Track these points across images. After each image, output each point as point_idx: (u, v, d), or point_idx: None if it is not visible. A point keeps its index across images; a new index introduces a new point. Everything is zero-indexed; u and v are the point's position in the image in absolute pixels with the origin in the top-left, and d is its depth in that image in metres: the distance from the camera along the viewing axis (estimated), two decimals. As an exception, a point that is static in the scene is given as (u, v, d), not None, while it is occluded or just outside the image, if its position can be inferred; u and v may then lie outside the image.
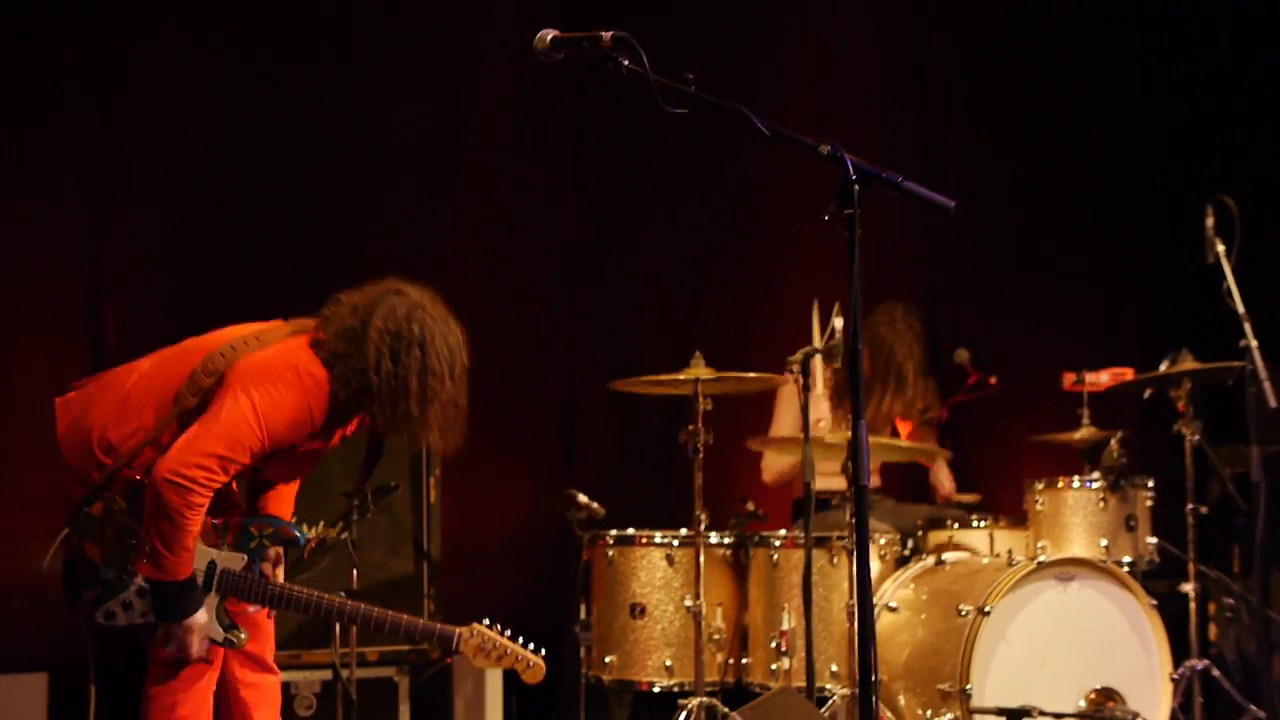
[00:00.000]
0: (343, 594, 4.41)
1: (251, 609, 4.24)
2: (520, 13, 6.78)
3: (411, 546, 5.71)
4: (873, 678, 3.21)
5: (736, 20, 7.36)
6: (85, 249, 6.25)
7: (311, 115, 6.56)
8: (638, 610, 5.84)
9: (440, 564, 5.79)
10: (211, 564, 4.09)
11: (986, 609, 5.32)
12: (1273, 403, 5.93)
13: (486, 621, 4.28)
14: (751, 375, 5.67)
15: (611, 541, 5.94)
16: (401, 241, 6.68)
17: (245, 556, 4.14)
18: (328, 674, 5.48)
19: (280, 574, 4.30)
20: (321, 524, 5.51)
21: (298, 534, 4.24)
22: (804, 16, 7.69)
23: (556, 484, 6.65)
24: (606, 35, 3.41)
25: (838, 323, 5.46)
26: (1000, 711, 5.27)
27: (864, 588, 3.21)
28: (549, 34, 3.48)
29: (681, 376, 5.56)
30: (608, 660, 5.89)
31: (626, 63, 3.41)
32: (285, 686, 5.46)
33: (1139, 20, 8.20)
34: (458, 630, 4.24)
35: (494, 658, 4.28)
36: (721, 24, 7.27)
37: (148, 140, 6.32)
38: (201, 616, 4.04)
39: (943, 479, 6.79)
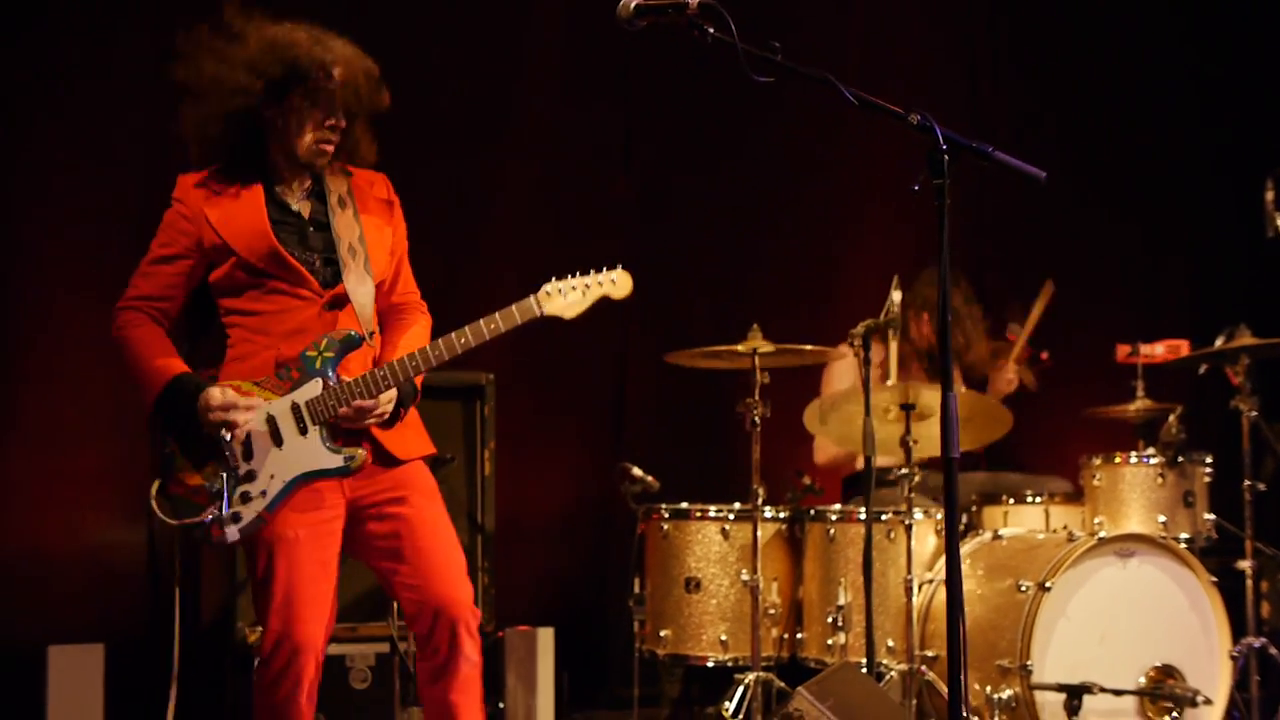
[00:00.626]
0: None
1: (362, 414, 3.99)
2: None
3: (466, 519, 5.67)
4: (960, 655, 3.18)
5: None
6: (135, 212, 6.20)
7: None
8: (693, 584, 5.82)
9: (494, 536, 5.75)
10: (294, 405, 3.94)
11: (1047, 585, 5.29)
12: (1336, 379, 5.89)
13: (553, 278, 4.10)
14: (810, 348, 5.64)
15: (666, 515, 5.91)
16: (448, 207, 6.64)
17: (319, 378, 3.95)
18: (383, 647, 5.45)
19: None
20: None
21: (349, 332, 4.00)
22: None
23: (607, 457, 6.63)
24: (693, 3, 3.36)
25: (895, 296, 5.43)
26: (1061, 688, 5.23)
27: (954, 565, 3.18)
28: (633, 2, 3.43)
29: (740, 348, 5.52)
30: (662, 634, 5.87)
31: (712, 30, 3.37)
32: (339, 659, 5.46)
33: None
34: (533, 300, 4.04)
35: (583, 298, 4.10)
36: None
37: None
38: (213, 390, 3.88)
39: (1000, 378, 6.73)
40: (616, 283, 4.16)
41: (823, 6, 7.51)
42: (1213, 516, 5.94)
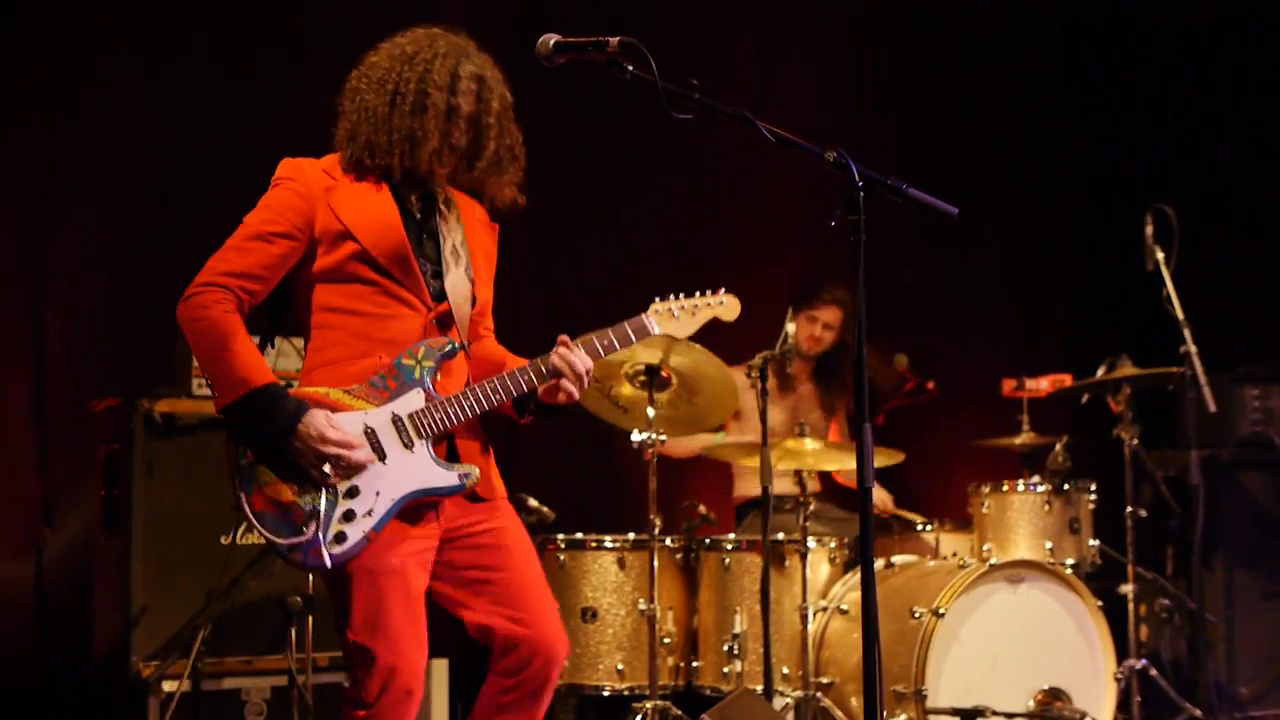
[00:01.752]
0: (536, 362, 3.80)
1: (461, 431, 3.78)
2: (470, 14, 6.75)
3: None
4: (877, 680, 3.24)
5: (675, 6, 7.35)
6: (26, 253, 6.13)
7: (264, 116, 6.48)
8: (589, 614, 5.85)
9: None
10: (395, 417, 3.63)
11: (941, 611, 5.39)
12: (1212, 407, 6.08)
13: (656, 298, 4.00)
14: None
15: (562, 545, 5.94)
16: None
17: (419, 389, 3.67)
18: (281, 680, 5.41)
19: None
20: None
21: (450, 341, 3.75)
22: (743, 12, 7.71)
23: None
24: (613, 41, 3.41)
25: (790, 327, 5.52)
26: (954, 712, 5.35)
27: (869, 595, 3.25)
28: (551, 39, 3.47)
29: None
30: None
31: (632, 68, 3.42)
32: (235, 693, 5.42)
33: (1072, 27, 8.33)
34: (646, 318, 3.92)
35: (693, 318, 4.01)
36: (661, 10, 7.25)
37: (91, 143, 6.21)
38: (317, 417, 3.54)
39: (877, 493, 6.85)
40: (725, 305, 4.08)
41: (710, 38, 7.59)
42: (1097, 542, 6.09)
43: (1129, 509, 6.16)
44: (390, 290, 3.71)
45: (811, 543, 5.64)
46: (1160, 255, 6.27)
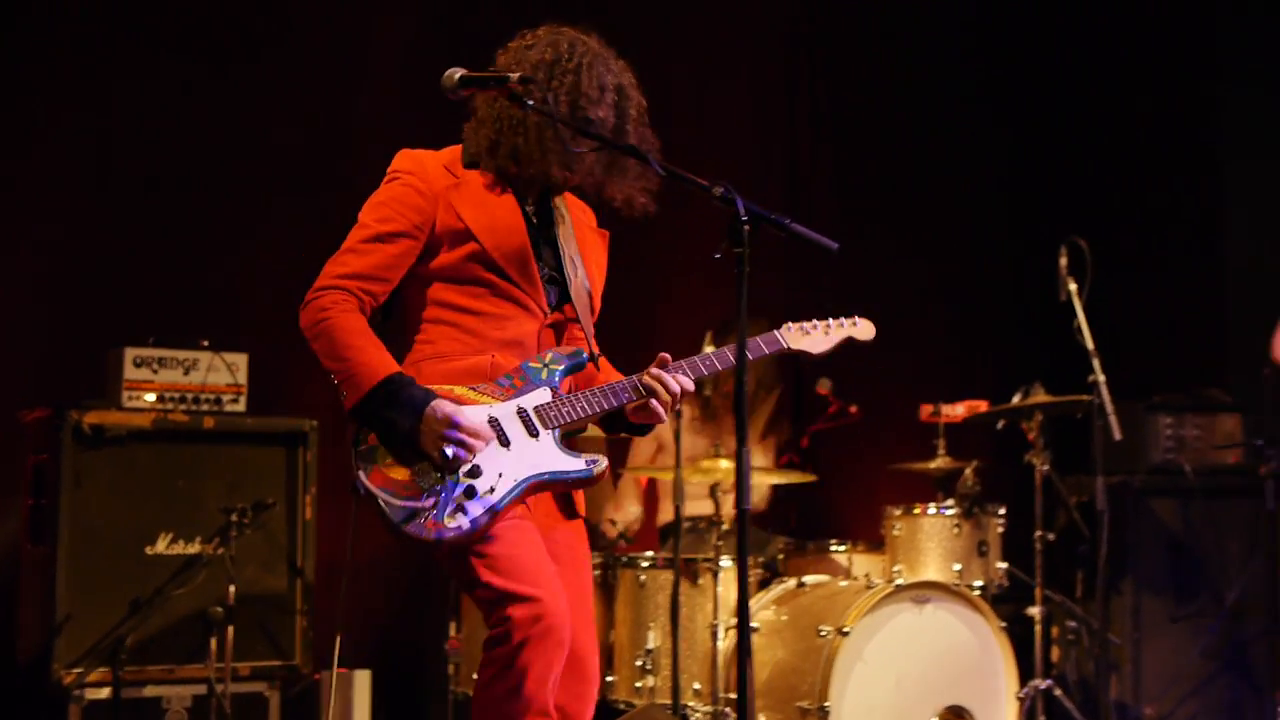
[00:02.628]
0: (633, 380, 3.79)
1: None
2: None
3: (286, 563, 5.78)
4: (748, 693, 3.37)
5: (606, 35, 7.46)
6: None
7: (188, 132, 6.57)
8: (508, 628, 5.95)
9: (314, 582, 5.86)
10: (520, 409, 3.63)
11: (845, 629, 5.53)
12: (1118, 435, 6.22)
13: (787, 323, 4.05)
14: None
15: (482, 560, 6.04)
16: (286, 259, 6.73)
17: (546, 387, 3.68)
18: (200, 689, 5.52)
19: None
20: (198, 540, 5.61)
21: (578, 350, 3.77)
22: (677, 43, 7.85)
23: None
24: (514, 76, 3.56)
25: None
26: (857, 728, 5.48)
27: (744, 610, 3.37)
28: (457, 73, 3.58)
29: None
30: (475, 677, 5.98)
31: (532, 103, 3.56)
32: (155, 701, 5.53)
33: (998, 67, 8.51)
34: (778, 332, 3.99)
35: (826, 336, 4.09)
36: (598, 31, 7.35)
37: (17, 154, 6.29)
38: (445, 404, 3.51)
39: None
40: (859, 326, 4.18)
41: (645, 59, 7.69)
42: (1005, 565, 6.23)
43: (1038, 533, 6.31)
44: (508, 293, 3.69)
45: (725, 561, 5.78)
46: (1073, 286, 6.41)
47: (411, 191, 3.68)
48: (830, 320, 4.09)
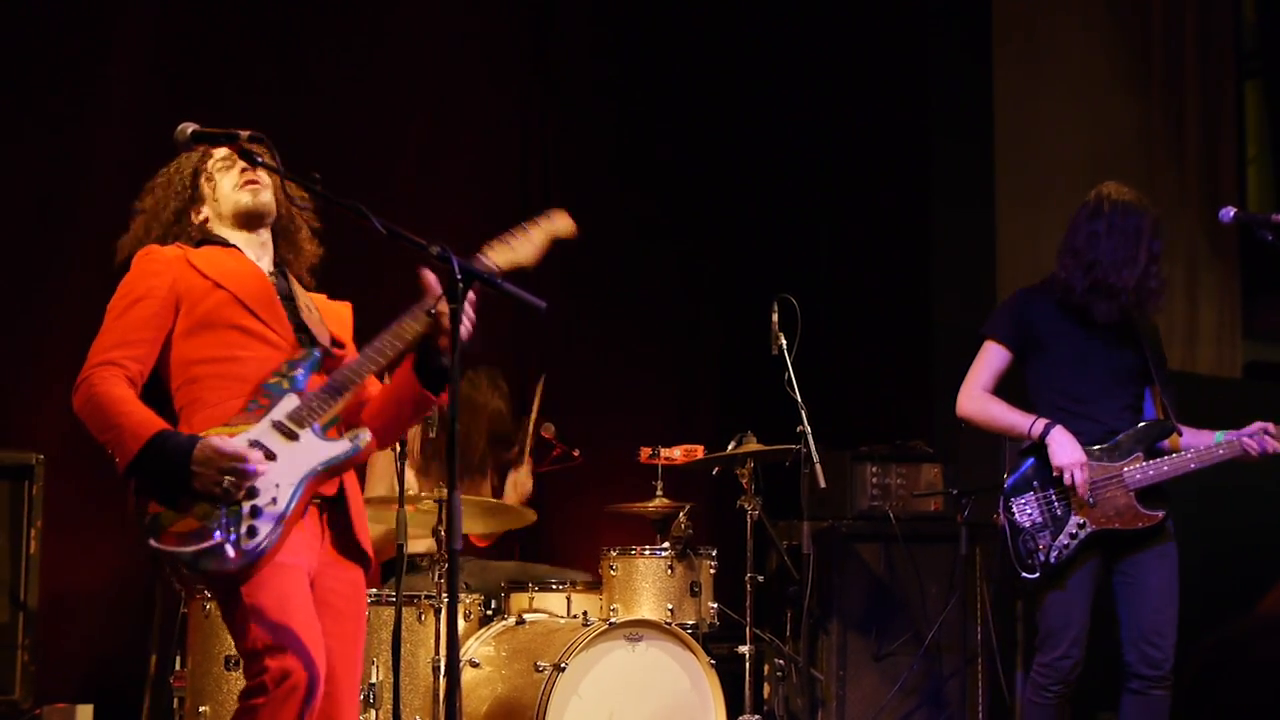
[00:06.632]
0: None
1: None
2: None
3: (8, 597, 5.79)
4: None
5: (346, 70, 7.61)
6: None
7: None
8: (232, 662, 6.04)
9: (38, 615, 5.88)
10: (274, 422, 3.81)
11: (562, 665, 5.77)
12: (822, 483, 6.58)
13: (487, 244, 4.09)
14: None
15: (209, 596, 6.13)
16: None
17: (290, 394, 3.86)
18: None
19: None
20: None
21: (311, 350, 3.98)
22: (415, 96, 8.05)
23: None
24: (244, 134, 3.75)
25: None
26: (571, 761, 5.72)
27: (453, 645, 3.59)
28: (189, 128, 3.77)
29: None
30: (201, 710, 6.05)
31: (261, 160, 3.76)
32: None
33: (720, 134, 8.88)
34: (481, 258, 4.03)
35: (528, 244, 4.15)
36: (330, 76, 7.51)
37: None
38: (208, 441, 3.68)
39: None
40: (554, 220, 4.25)
41: (383, 114, 7.87)
42: (716, 605, 6.52)
43: (749, 575, 6.64)
44: (260, 334, 3.93)
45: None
46: (783, 340, 6.76)
47: (148, 268, 3.95)
48: (525, 225, 4.18)
